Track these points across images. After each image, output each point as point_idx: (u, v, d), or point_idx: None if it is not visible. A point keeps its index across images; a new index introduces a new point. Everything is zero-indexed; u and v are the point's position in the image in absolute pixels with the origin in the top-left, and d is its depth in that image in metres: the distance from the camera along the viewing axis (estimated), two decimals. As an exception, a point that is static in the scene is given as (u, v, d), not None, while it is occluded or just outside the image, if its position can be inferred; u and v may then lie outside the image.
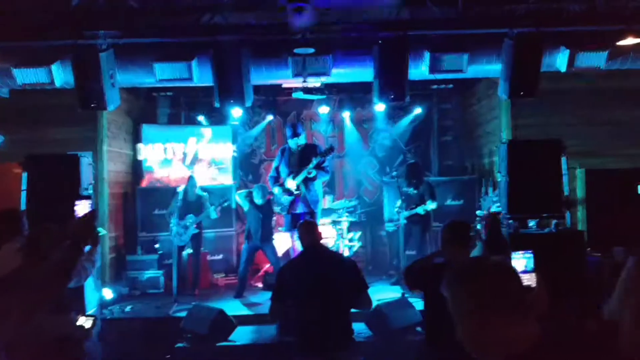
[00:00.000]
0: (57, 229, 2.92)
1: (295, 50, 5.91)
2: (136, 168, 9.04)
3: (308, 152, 6.61)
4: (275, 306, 3.73)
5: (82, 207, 2.70)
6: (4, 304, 2.16)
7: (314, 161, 6.43)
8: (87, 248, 3.04)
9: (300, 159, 6.63)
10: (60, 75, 6.18)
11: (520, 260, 3.33)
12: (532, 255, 3.31)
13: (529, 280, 3.20)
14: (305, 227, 3.88)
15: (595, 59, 6.15)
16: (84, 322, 2.88)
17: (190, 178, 7.80)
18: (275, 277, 3.95)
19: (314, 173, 6.56)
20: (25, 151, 6.37)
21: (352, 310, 3.77)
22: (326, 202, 8.42)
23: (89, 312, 4.86)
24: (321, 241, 3.87)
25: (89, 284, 5.17)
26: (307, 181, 6.58)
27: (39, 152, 6.38)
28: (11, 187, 7.05)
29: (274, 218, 7.77)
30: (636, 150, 7.36)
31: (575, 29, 6.14)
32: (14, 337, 2.21)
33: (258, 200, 7.39)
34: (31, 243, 2.84)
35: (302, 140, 6.83)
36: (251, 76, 6.16)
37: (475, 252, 4.68)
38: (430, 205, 7.22)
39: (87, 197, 2.64)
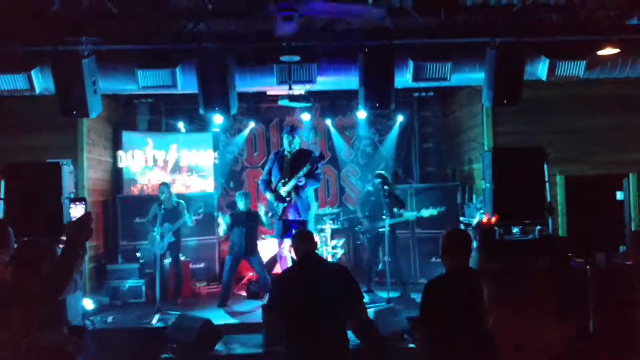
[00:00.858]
0: (46, 240, 2.86)
1: (281, 58, 5.90)
2: (116, 176, 8.90)
3: (301, 158, 6.55)
4: (269, 315, 3.70)
5: (77, 211, 2.64)
6: (3, 316, 2.10)
7: (305, 169, 6.38)
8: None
9: (292, 164, 6.55)
10: (40, 81, 6.06)
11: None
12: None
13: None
14: (301, 237, 3.85)
15: (575, 68, 6.26)
16: (76, 334, 2.82)
17: (164, 185, 7.68)
18: (268, 286, 3.91)
19: (304, 181, 6.52)
20: (1, 159, 6.23)
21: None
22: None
23: (75, 324, 4.74)
24: (316, 250, 3.85)
25: (72, 295, 5.05)
26: (298, 188, 6.53)
27: (16, 160, 6.23)
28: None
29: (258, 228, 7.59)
30: (613, 157, 7.54)
31: (555, 39, 6.26)
32: (11, 350, 2.15)
33: (241, 206, 7.35)
34: (20, 256, 2.76)
35: (296, 143, 6.73)
36: (236, 83, 6.12)
37: (472, 259, 4.72)
38: (428, 212, 7.31)
39: (82, 200, 2.58)
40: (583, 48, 6.23)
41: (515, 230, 6.16)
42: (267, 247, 8.07)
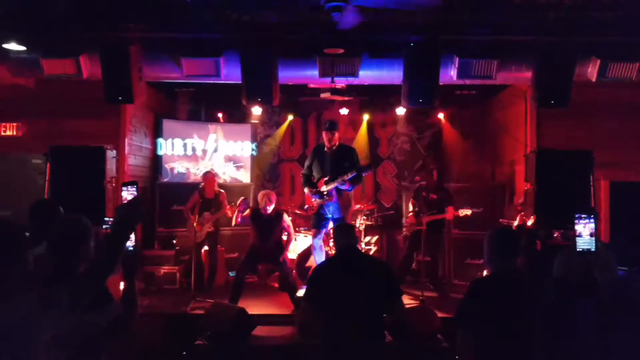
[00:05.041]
0: (85, 220, 2.87)
1: (325, 50, 5.86)
2: (155, 163, 9.03)
3: (342, 154, 6.42)
4: (306, 306, 3.68)
5: (128, 193, 2.66)
6: (55, 296, 2.13)
7: (350, 175, 6.19)
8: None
9: (334, 160, 6.43)
10: (88, 66, 6.17)
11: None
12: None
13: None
14: (341, 229, 3.83)
15: (627, 70, 6.07)
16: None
17: (208, 175, 7.74)
18: (308, 277, 3.88)
19: (345, 185, 6.34)
20: (47, 142, 6.37)
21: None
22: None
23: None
24: (357, 244, 3.82)
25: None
26: (340, 186, 6.41)
27: (61, 144, 6.37)
28: (30, 177, 7.08)
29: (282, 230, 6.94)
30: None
31: (607, 39, 6.06)
32: (58, 329, 2.18)
33: (264, 209, 6.62)
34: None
35: (336, 139, 6.53)
36: (279, 75, 6.11)
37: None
38: (464, 212, 7.21)
39: (134, 184, 2.61)
40: (637, 49, 6.03)
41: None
42: (302, 240, 8.07)
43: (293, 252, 8.09)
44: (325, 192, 6.41)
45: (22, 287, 2.20)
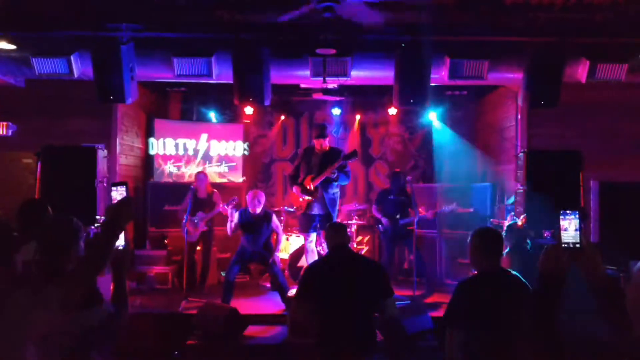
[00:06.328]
0: (74, 219, 2.86)
1: (317, 51, 5.88)
2: (147, 162, 9.01)
3: (332, 156, 6.43)
4: (298, 306, 3.70)
5: (118, 194, 2.66)
6: (45, 296, 2.13)
7: (337, 164, 6.24)
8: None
9: (322, 162, 6.43)
10: (79, 66, 6.16)
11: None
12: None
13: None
14: (334, 229, 3.84)
15: (616, 71, 6.12)
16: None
17: (200, 175, 7.74)
18: (300, 276, 3.90)
19: (336, 174, 6.34)
20: (37, 141, 6.34)
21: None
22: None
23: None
24: (349, 244, 3.83)
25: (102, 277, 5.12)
26: (327, 183, 6.43)
27: (53, 143, 6.34)
28: (21, 177, 7.05)
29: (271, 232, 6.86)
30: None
31: (597, 40, 6.11)
32: (49, 329, 2.18)
33: (253, 209, 6.61)
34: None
35: (327, 143, 6.57)
36: (270, 75, 6.12)
37: (505, 262, 4.66)
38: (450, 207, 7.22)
39: (124, 184, 2.61)
40: (626, 50, 6.08)
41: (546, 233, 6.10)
42: (294, 243, 8.08)
43: (285, 252, 8.10)
44: (312, 188, 6.41)
45: (10, 287, 2.20)
